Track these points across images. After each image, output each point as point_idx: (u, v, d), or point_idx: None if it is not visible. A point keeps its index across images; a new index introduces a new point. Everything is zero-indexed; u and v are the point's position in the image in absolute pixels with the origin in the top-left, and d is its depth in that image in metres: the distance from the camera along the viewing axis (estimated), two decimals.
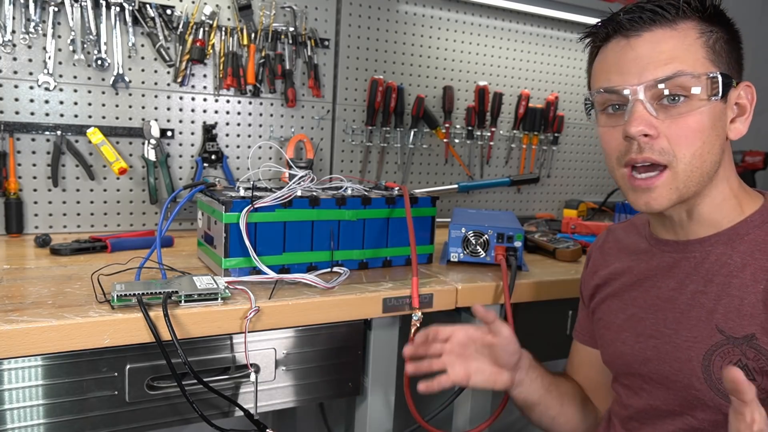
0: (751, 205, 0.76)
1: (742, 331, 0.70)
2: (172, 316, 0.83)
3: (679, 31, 0.71)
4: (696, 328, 0.74)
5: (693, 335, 0.74)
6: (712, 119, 0.70)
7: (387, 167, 1.79)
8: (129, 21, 1.39)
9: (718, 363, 0.71)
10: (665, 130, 0.70)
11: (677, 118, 0.70)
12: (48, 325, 0.77)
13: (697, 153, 0.70)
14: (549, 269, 1.25)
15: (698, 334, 0.74)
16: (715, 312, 0.72)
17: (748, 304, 0.70)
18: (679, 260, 0.79)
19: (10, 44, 1.30)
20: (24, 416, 0.80)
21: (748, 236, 0.73)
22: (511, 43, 1.91)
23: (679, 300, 0.77)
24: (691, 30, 0.71)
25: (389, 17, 1.72)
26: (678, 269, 0.79)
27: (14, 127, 1.33)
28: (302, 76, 1.61)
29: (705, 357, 0.72)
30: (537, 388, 0.93)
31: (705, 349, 0.72)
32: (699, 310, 0.74)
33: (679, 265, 0.79)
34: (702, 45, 0.70)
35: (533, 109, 1.94)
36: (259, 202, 1.02)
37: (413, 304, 1.01)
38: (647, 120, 0.70)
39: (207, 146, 1.52)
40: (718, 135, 0.71)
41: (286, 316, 0.93)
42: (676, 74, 0.69)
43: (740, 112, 0.74)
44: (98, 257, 1.18)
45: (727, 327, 0.71)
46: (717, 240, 0.75)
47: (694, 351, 0.74)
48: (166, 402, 0.89)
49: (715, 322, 0.72)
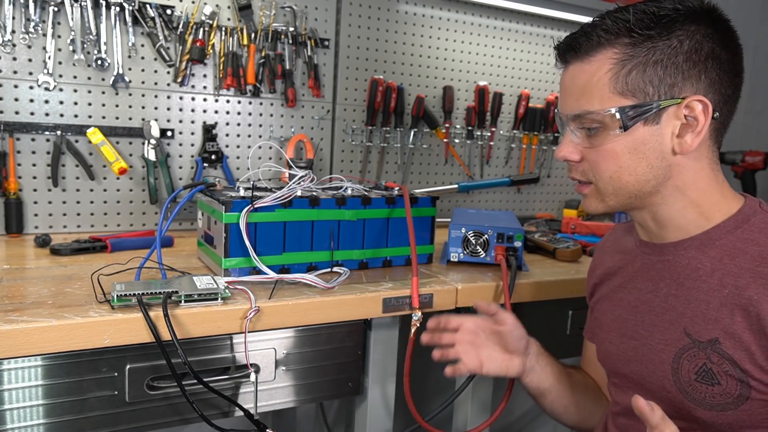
0: (726, 210, 0.76)
1: (707, 335, 0.71)
2: (172, 316, 0.83)
3: (592, 64, 0.74)
4: (668, 331, 0.76)
5: (665, 338, 0.77)
6: (629, 146, 0.73)
7: (387, 167, 1.79)
8: (129, 21, 1.39)
9: (686, 366, 0.73)
10: (587, 154, 0.78)
11: (595, 145, 0.76)
12: (48, 325, 0.77)
13: (615, 176, 0.76)
14: (549, 269, 1.25)
15: (669, 337, 0.76)
16: (683, 315, 0.75)
17: (713, 309, 0.71)
18: (655, 263, 0.81)
19: (10, 44, 1.30)
20: (24, 416, 0.80)
21: (719, 241, 0.74)
22: (511, 43, 1.91)
23: (654, 302, 0.80)
24: (605, 61, 0.73)
25: (389, 17, 1.72)
26: (654, 271, 0.81)
27: (14, 127, 1.33)
28: (302, 76, 1.61)
29: (674, 360, 0.75)
30: (548, 375, 0.96)
31: (674, 352, 0.75)
32: (671, 313, 0.77)
33: (655, 267, 0.81)
34: (610, 79, 0.72)
35: (533, 109, 1.94)
36: (259, 202, 1.02)
37: (413, 304, 1.01)
38: (571, 147, 0.79)
39: (207, 146, 1.52)
40: (642, 157, 0.74)
41: (286, 316, 0.93)
42: (582, 113, 0.75)
43: (692, 125, 0.72)
44: (98, 257, 1.18)
45: (693, 331, 0.73)
46: (690, 244, 0.77)
47: (665, 354, 0.76)
48: (166, 402, 0.89)
49: (684, 325, 0.74)
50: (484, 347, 0.94)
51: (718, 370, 0.70)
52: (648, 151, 0.74)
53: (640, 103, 0.72)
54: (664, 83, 0.71)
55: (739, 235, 0.73)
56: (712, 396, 0.71)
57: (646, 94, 0.72)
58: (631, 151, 0.74)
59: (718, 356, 0.70)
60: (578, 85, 0.75)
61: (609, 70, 0.72)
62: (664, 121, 0.72)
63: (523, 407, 2.01)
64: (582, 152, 0.78)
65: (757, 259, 0.70)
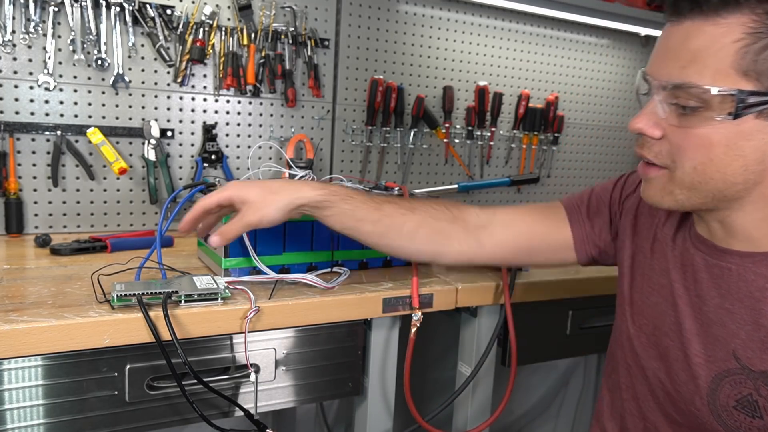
0: None
1: (762, 366, 0.64)
2: (172, 316, 0.83)
3: (719, 26, 0.59)
4: (712, 347, 0.69)
5: (707, 352, 0.69)
6: (729, 137, 0.62)
7: (387, 167, 1.79)
8: (129, 21, 1.39)
9: (727, 390, 0.66)
10: (672, 134, 0.65)
11: (686, 126, 0.64)
12: (48, 325, 0.77)
13: (700, 168, 0.64)
14: (549, 269, 1.25)
15: (713, 353, 0.68)
16: (736, 336, 0.67)
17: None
18: (712, 266, 0.71)
19: (10, 44, 1.30)
20: (24, 416, 0.80)
21: None
22: (511, 43, 1.91)
23: (702, 311, 0.71)
24: (737, 27, 0.59)
25: (389, 17, 1.72)
26: (708, 275, 0.71)
27: (14, 127, 1.33)
28: (302, 76, 1.61)
29: (714, 380, 0.68)
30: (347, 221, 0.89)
31: (716, 372, 0.68)
32: (720, 328, 0.68)
33: (711, 271, 0.71)
34: (736, 50, 0.59)
35: (533, 109, 1.94)
36: None
37: (413, 304, 1.01)
38: (652, 120, 0.66)
39: (207, 146, 1.52)
40: (740, 155, 0.62)
41: (286, 316, 0.93)
42: (686, 84, 0.62)
43: None
44: (98, 257, 1.18)
45: (745, 356, 0.65)
46: (762, 260, 0.67)
47: (703, 369, 0.69)
48: (166, 402, 0.89)
49: (734, 347, 0.66)
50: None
51: (765, 404, 0.63)
52: (749, 149, 0.62)
53: (763, 91, 0.59)
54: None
55: None
56: (749, 428, 0.65)
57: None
58: (729, 144, 0.62)
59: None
60: (690, 49, 0.61)
61: (739, 39, 0.58)
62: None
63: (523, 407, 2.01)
64: (665, 129, 0.66)
65: None
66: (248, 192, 0.83)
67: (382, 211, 0.90)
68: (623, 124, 2.16)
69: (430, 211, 0.93)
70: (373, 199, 0.90)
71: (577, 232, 0.94)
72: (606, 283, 1.21)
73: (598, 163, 2.16)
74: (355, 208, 0.88)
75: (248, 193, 0.83)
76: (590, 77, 2.03)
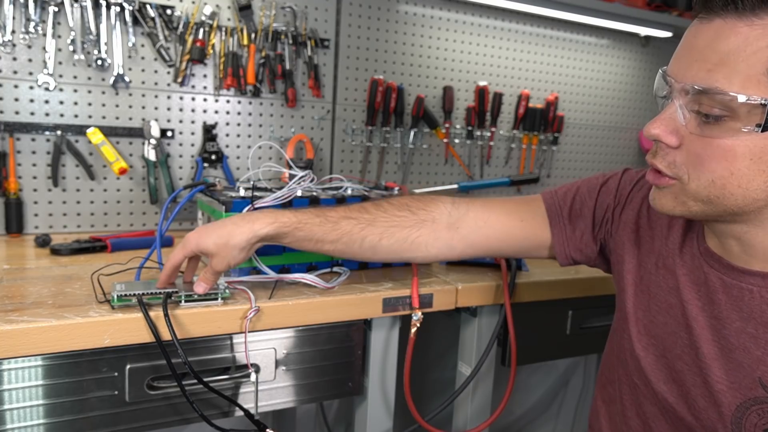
0: None
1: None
2: (172, 316, 0.83)
3: (755, 28, 0.54)
4: (735, 373, 0.65)
5: (730, 380, 0.65)
6: (754, 150, 0.57)
7: (387, 167, 1.79)
8: (129, 21, 1.39)
9: (753, 420, 0.63)
10: (690, 143, 0.61)
11: (708, 136, 0.59)
12: (48, 325, 0.77)
13: (719, 182, 0.59)
14: (549, 269, 1.25)
15: (736, 380, 0.65)
16: (761, 362, 0.63)
17: None
18: (731, 287, 0.67)
19: (10, 44, 1.30)
20: (24, 416, 0.80)
21: None
22: (511, 43, 1.91)
23: (722, 334, 0.67)
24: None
25: (389, 17, 1.72)
26: (727, 297, 0.67)
27: (14, 127, 1.33)
28: (302, 76, 1.61)
29: (738, 408, 0.64)
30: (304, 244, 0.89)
31: (741, 400, 0.64)
32: (743, 353, 0.65)
33: (730, 292, 0.66)
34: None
35: (533, 109, 1.94)
36: (259, 202, 1.02)
37: (413, 304, 1.01)
38: (671, 126, 0.62)
39: (207, 146, 1.52)
40: (765, 169, 0.58)
41: (286, 316, 0.93)
42: (712, 89, 0.56)
43: None
44: (98, 257, 1.18)
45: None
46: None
47: (726, 397, 0.65)
48: (166, 402, 0.89)
49: (760, 374, 0.63)
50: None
51: None
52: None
53: None
54: None
55: None
56: None
57: None
58: (753, 157, 0.57)
59: None
60: (720, 50, 0.56)
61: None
62: None
63: (523, 407, 2.01)
64: (684, 138, 0.61)
65: None
66: (206, 243, 0.85)
67: (340, 229, 0.89)
68: (623, 124, 2.16)
69: (393, 219, 0.91)
70: (329, 218, 0.89)
71: (557, 236, 0.91)
72: (606, 283, 1.21)
73: (598, 163, 2.16)
74: (310, 233, 0.88)
75: (206, 244, 0.85)
76: (590, 77, 2.03)
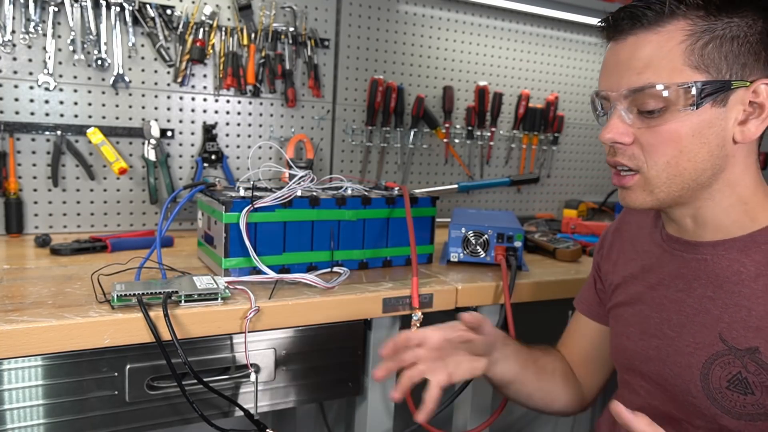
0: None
1: (746, 343, 0.67)
2: (172, 316, 0.83)
3: (662, 35, 0.67)
4: (699, 334, 0.72)
5: (696, 341, 0.73)
6: (693, 127, 0.67)
7: (387, 167, 1.79)
8: (129, 21, 1.39)
9: (718, 373, 0.69)
10: (640, 137, 0.70)
11: (652, 126, 0.69)
12: (48, 325, 0.77)
13: (673, 161, 0.69)
14: (549, 269, 1.26)
15: (701, 340, 0.72)
16: (720, 320, 0.70)
17: (756, 316, 0.67)
18: (689, 261, 0.76)
19: (10, 44, 1.30)
20: (24, 416, 0.81)
21: (765, 245, 0.69)
22: (511, 43, 1.91)
23: (686, 303, 0.75)
24: (677, 32, 0.67)
25: (389, 17, 1.72)
26: (687, 270, 0.76)
27: (14, 127, 1.33)
28: (302, 76, 1.61)
29: (705, 365, 0.71)
30: (512, 365, 0.90)
31: (706, 357, 0.71)
32: (705, 315, 0.72)
33: (689, 266, 0.76)
34: (684, 50, 0.66)
35: (533, 109, 1.94)
36: (259, 202, 1.02)
37: (413, 304, 1.01)
38: (620, 128, 0.71)
39: (207, 146, 1.52)
40: (705, 142, 0.68)
41: (286, 316, 0.93)
42: (647, 85, 0.67)
43: (756, 111, 0.68)
44: (98, 257, 1.18)
45: (730, 337, 0.69)
46: (732, 245, 0.71)
47: (694, 357, 0.72)
48: (166, 402, 0.89)
49: (720, 330, 0.70)
50: (450, 356, 0.84)
51: (755, 380, 0.66)
52: (711, 135, 0.68)
53: (714, 80, 0.66)
54: (738, 62, 0.66)
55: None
56: (743, 405, 0.67)
57: (719, 70, 0.66)
58: (695, 133, 0.67)
59: (756, 366, 0.66)
60: (642, 57, 0.68)
61: (683, 41, 0.66)
62: (731, 103, 0.67)
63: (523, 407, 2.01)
64: (635, 134, 0.71)
65: None
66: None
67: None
68: None
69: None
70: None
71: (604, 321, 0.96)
72: None
73: (598, 163, 2.16)
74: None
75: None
76: (590, 77, 2.03)
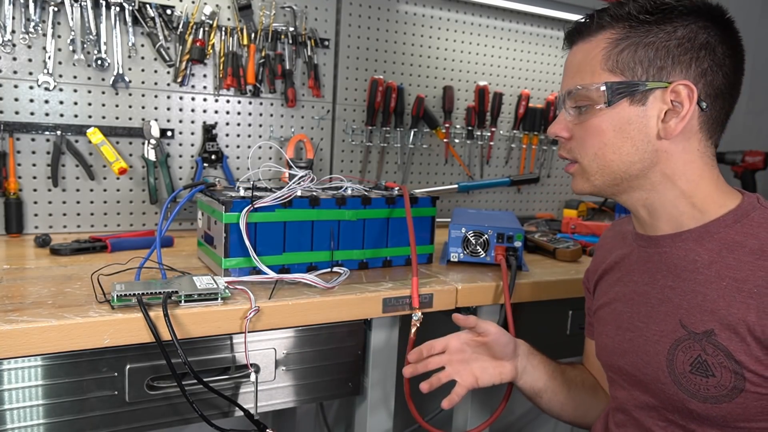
0: (723, 204, 0.76)
1: (702, 327, 0.72)
2: (172, 316, 0.83)
3: (592, 44, 0.77)
4: (663, 323, 0.77)
5: (660, 329, 0.77)
6: (614, 123, 0.76)
7: (387, 167, 1.79)
8: (129, 21, 1.39)
9: (681, 358, 0.74)
10: (575, 131, 0.80)
11: (582, 122, 0.79)
12: (48, 325, 0.77)
13: (599, 153, 0.78)
14: (549, 269, 1.25)
15: (665, 328, 0.77)
16: (680, 307, 0.75)
17: (710, 300, 0.72)
18: (652, 254, 0.82)
19: (10, 44, 1.30)
20: (24, 416, 0.80)
21: (718, 235, 0.75)
22: (511, 43, 1.91)
23: (651, 294, 0.80)
24: (602, 41, 0.76)
25: (389, 17, 1.72)
26: (650, 263, 0.82)
27: (14, 127, 1.33)
28: (302, 76, 1.61)
29: (669, 351, 0.75)
30: (541, 374, 0.96)
31: (669, 344, 0.75)
32: (667, 304, 0.77)
33: (652, 259, 0.82)
34: (603, 56, 0.76)
35: (533, 109, 1.94)
36: (259, 202, 1.02)
37: (413, 304, 1.01)
38: (561, 125, 0.82)
39: (207, 146, 1.52)
40: (627, 137, 0.76)
41: (286, 316, 0.93)
42: (574, 88, 0.78)
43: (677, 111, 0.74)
44: (98, 257, 1.18)
45: (689, 322, 0.74)
46: (687, 237, 0.77)
47: (660, 345, 0.77)
48: (166, 402, 0.89)
49: (680, 316, 0.75)
50: (475, 360, 0.94)
51: (713, 361, 0.70)
52: (633, 131, 0.76)
53: (626, 81, 0.74)
54: (653, 65, 0.74)
55: (738, 229, 0.74)
56: (707, 388, 0.71)
57: (634, 73, 0.74)
58: (616, 129, 0.76)
59: (713, 348, 0.70)
60: (575, 63, 0.80)
61: (603, 48, 0.76)
62: (650, 103, 0.74)
63: (523, 407, 2.01)
64: (572, 130, 0.81)
65: (756, 252, 0.70)
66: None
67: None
68: None
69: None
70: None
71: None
72: None
73: None
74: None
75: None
76: None
